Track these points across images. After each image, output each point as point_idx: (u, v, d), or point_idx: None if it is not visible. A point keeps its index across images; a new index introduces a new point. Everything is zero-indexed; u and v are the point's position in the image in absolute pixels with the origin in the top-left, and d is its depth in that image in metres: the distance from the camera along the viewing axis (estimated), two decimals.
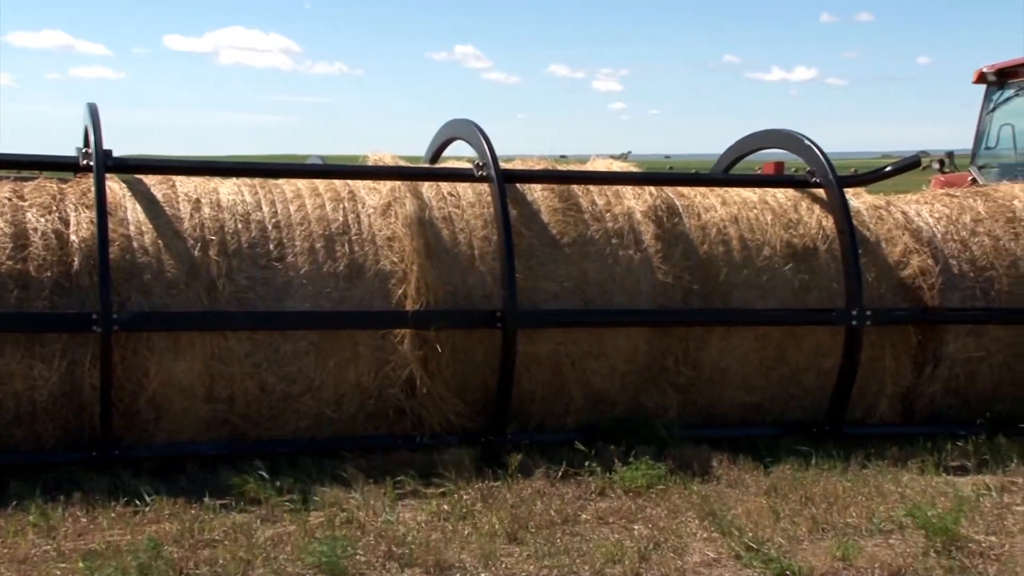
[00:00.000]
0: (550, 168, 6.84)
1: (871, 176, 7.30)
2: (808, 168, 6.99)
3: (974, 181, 12.12)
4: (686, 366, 6.49)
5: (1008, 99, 12.61)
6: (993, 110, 12.78)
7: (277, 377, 5.87)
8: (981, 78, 12.83)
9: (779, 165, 8.48)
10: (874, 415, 6.80)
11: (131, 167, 6.16)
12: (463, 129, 7.04)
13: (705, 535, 4.86)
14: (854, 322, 6.40)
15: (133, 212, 5.92)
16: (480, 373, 6.18)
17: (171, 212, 5.96)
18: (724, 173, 7.80)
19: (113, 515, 4.96)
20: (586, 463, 5.71)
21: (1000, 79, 12.62)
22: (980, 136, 12.97)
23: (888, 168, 7.24)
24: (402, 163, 6.70)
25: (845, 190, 6.86)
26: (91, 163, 5.84)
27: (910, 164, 7.26)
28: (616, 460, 5.74)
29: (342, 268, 6.04)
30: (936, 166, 13.69)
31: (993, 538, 4.86)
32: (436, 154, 8.00)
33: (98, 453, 5.58)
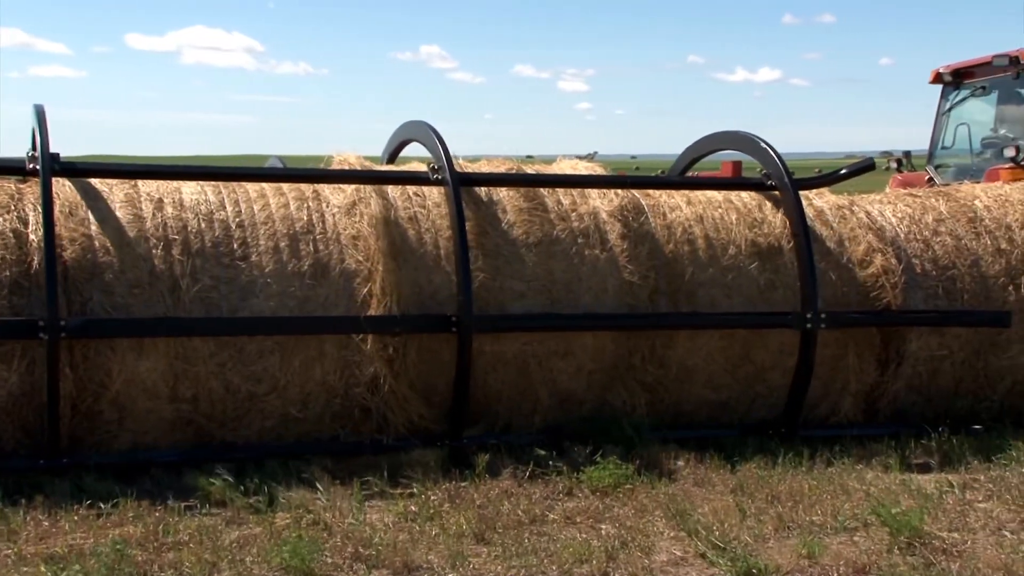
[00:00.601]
0: (515, 169, 6.83)
1: (826, 179, 7.30)
2: (763, 171, 6.99)
3: (931, 180, 12.25)
4: (653, 364, 6.52)
5: (963, 99, 12.75)
6: (949, 110, 12.92)
7: (242, 376, 5.84)
8: (937, 78, 12.96)
9: (737, 165, 8.51)
10: (838, 413, 6.86)
11: (79, 171, 6.00)
12: (419, 131, 7.00)
13: (672, 534, 4.88)
14: (809, 325, 6.41)
15: (94, 212, 5.86)
16: (446, 374, 6.17)
17: (133, 212, 5.90)
18: (681, 175, 7.81)
19: (76, 518, 4.91)
20: (550, 463, 5.72)
21: (955, 80, 12.75)
22: (936, 136, 13.11)
23: (843, 171, 7.25)
24: (367, 163, 6.68)
25: (807, 191, 6.91)
26: (37, 167, 5.71)
27: (865, 167, 7.27)
28: (583, 460, 5.76)
29: (307, 267, 6.02)
30: (894, 166, 13.82)
31: (956, 535, 4.92)
32: (393, 156, 7.93)
33: (45, 462, 5.49)
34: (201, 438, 5.86)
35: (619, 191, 6.79)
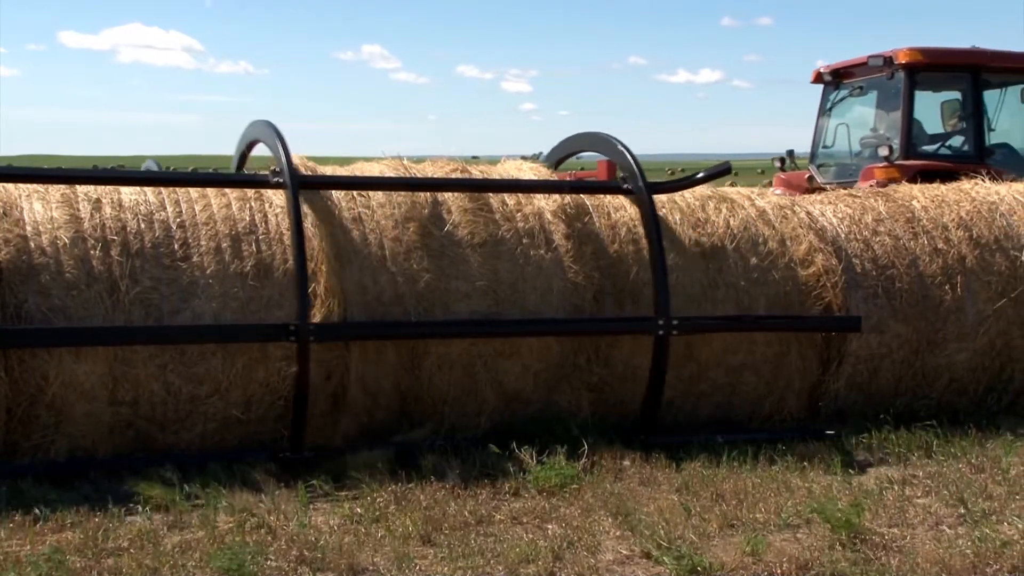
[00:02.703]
0: (459, 170, 6.78)
1: (680, 183, 7.06)
2: (621, 175, 6.88)
3: (811, 179, 12.33)
4: (598, 364, 6.54)
5: (843, 99, 12.84)
6: (830, 110, 12.99)
7: (183, 378, 5.77)
8: (818, 78, 13.02)
9: (611, 165, 8.50)
10: (782, 411, 6.95)
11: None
12: (263, 132, 6.79)
13: (618, 533, 4.90)
14: (660, 331, 6.32)
15: (29, 212, 5.76)
16: (391, 375, 6.15)
17: (70, 212, 5.81)
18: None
19: (12, 525, 4.82)
20: (497, 464, 5.74)
21: (835, 79, 12.83)
22: (818, 135, 13.16)
23: (700, 175, 7.03)
24: (310, 164, 6.63)
25: (756, 192, 6.96)
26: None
27: (722, 171, 7.08)
28: (530, 460, 5.77)
29: (249, 268, 5.96)
30: (778, 165, 13.92)
31: (895, 530, 5.00)
32: (242, 157, 7.67)
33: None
34: (142, 442, 5.78)
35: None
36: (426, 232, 6.31)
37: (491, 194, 6.61)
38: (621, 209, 6.87)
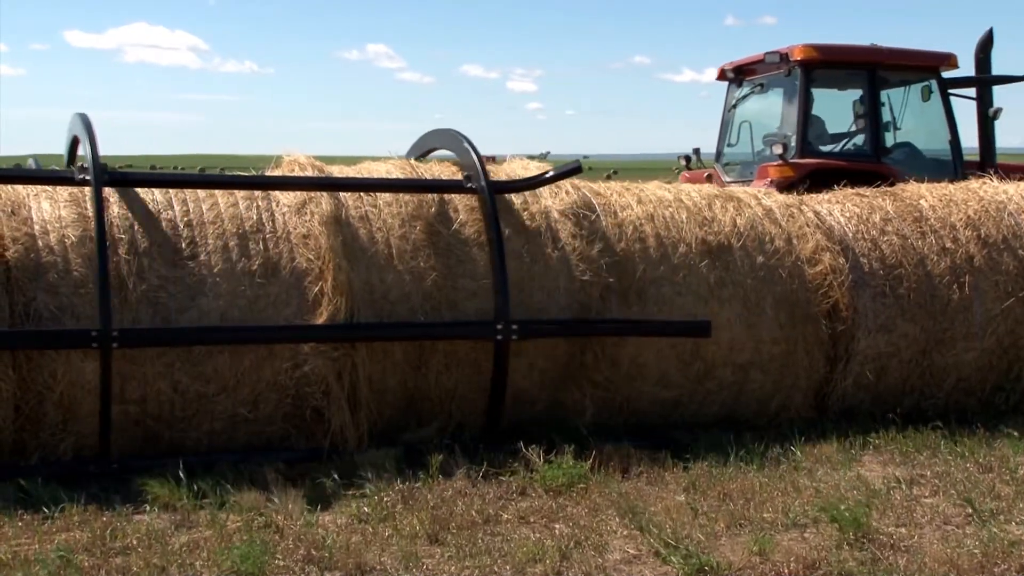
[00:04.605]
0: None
1: (529, 182, 6.64)
2: (465, 173, 6.61)
3: (710, 177, 12.02)
4: (604, 363, 6.53)
5: (745, 96, 12.63)
6: (734, 107, 12.77)
7: (191, 376, 5.77)
8: (722, 75, 12.81)
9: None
10: (789, 409, 6.94)
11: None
12: (75, 126, 6.52)
13: (625, 532, 4.89)
14: (499, 336, 6.09)
15: (37, 211, 5.77)
16: (398, 373, 6.16)
17: (78, 211, 5.81)
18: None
19: (20, 524, 4.82)
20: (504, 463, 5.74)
21: (738, 76, 12.61)
22: (723, 133, 12.96)
23: (549, 174, 6.69)
24: (317, 164, 6.63)
25: (763, 191, 6.95)
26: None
27: (571, 170, 6.76)
28: (537, 459, 5.77)
29: (257, 266, 5.97)
30: (683, 163, 13.79)
31: (903, 530, 4.98)
32: (71, 151, 7.30)
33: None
34: (149, 440, 5.78)
35: (570, 190, 6.79)
36: (433, 231, 6.31)
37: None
38: (628, 208, 6.87)
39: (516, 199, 6.62)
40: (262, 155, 7.53)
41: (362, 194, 6.36)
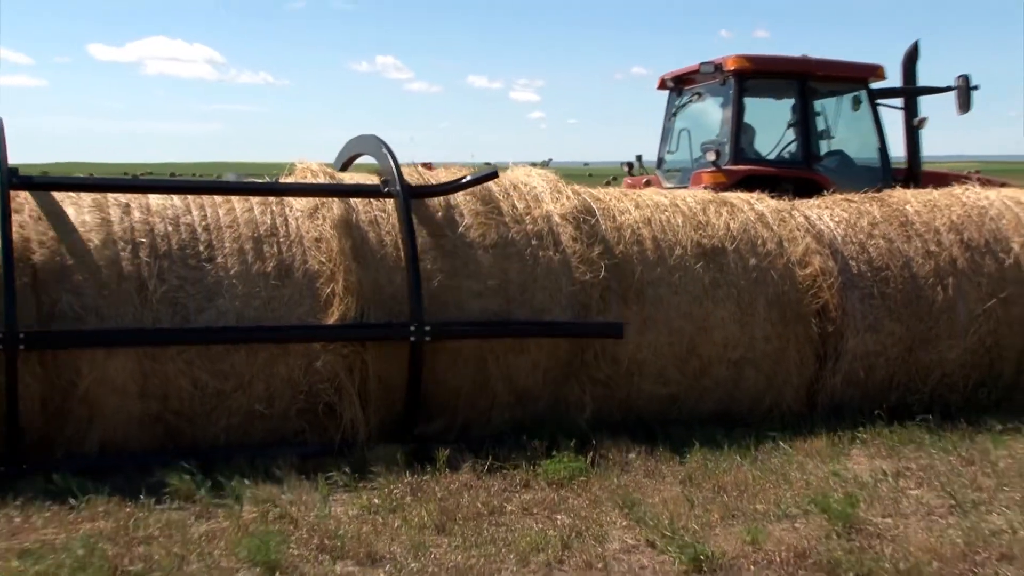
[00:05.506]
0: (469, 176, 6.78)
1: (444, 187, 6.50)
2: (383, 178, 6.50)
3: (649, 183, 11.87)
4: (605, 361, 6.55)
5: (684, 105, 12.55)
6: (674, 115, 12.70)
7: (209, 373, 5.79)
8: (663, 85, 12.75)
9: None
10: (781, 404, 6.96)
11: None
12: None
13: (624, 523, 4.91)
14: (413, 337, 5.98)
15: (63, 216, 5.79)
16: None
17: (101, 216, 5.85)
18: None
19: (48, 514, 4.85)
20: (508, 457, 5.75)
21: (677, 86, 12.56)
22: (664, 140, 12.87)
23: (465, 179, 6.56)
24: (328, 171, 6.67)
25: (755, 196, 6.95)
26: None
27: (488, 175, 6.63)
28: (540, 453, 5.79)
29: (271, 268, 5.99)
30: (626, 169, 13.71)
31: (889, 520, 5.01)
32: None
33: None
34: (170, 435, 5.81)
35: (571, 195, 6.82)
36: (439, 234, 6.33)
37: (501, 198, 6.62)
38: (626, 212, 6.90)
39: (519, 204, 6.64)
40: (278, 162, 7.53)
41: (372, 200, 6.38)
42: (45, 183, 5.90)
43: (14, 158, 5.68)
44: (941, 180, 9.84)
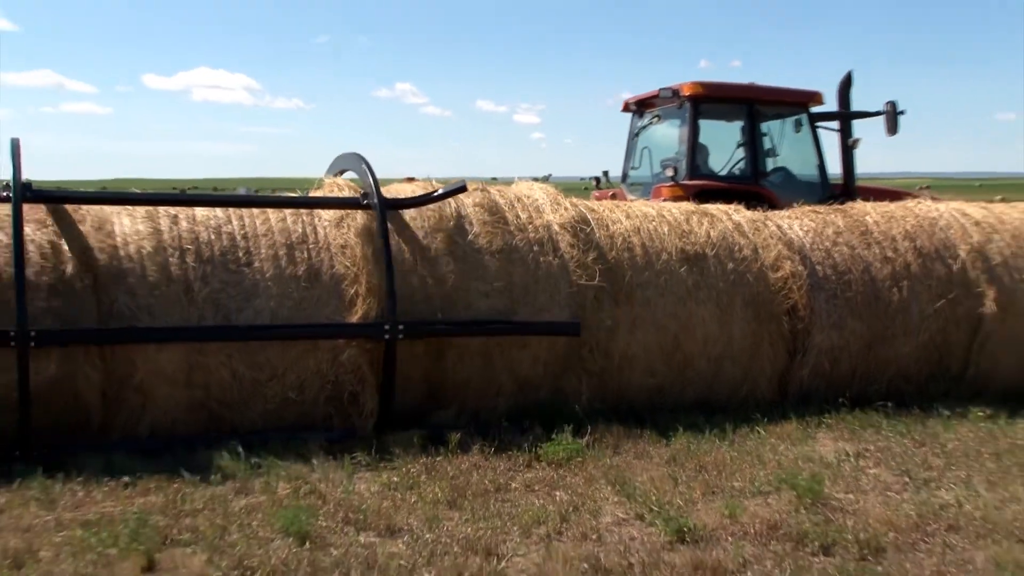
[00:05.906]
0: (479, 189, 6.78)
1: (417, 200, 6.39)
2: (363, 191, 6.43)
3: (614, 196, 11.81)
4: (599, 355, 6.57)
5: (646, 126, 12.46)
6: (636, 135, 12.61)
7: (247, 365, 5.81)
8: (627, 107, 12.69)
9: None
10: (756, 394, 6.97)
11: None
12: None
13: (616, 499, 4.94)
14: (387, 336, 5.89)
15: (119, 226, 5.83)
16: (420, 365, 6.18)
17: (152, 225, 5.88)
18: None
19: (106, 489, 4.89)
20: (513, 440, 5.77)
21: (640, 108, 12.48)
22: (628, 157, 12.80)
23: (437, 192, 6.49)
24: (352, 185, 6.67)
25: (732, 208, 6.94)
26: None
27: (458, 189, 6.53)
28: (541, 437, 5.81)
29: (302, 272, 6.02)
30: (594, 183, 13.59)
31: (851, 495, 5.03)
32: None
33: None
34: (213, 420, 5.84)
35: (568, 207, 6.84)
36: (451, 240, 6.35)
37: (506, 209, 6.64)
38: (618, 222, 6.91)
39: (522, 215, 6.66)
40: (309, 178, 7.53)
41: (389, 211, 6.33)
42: (56, 196, 5.84)
43: (79, 177, 5.70)
44: (876, 194, 9.83)
